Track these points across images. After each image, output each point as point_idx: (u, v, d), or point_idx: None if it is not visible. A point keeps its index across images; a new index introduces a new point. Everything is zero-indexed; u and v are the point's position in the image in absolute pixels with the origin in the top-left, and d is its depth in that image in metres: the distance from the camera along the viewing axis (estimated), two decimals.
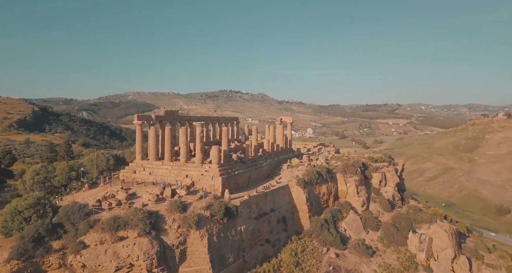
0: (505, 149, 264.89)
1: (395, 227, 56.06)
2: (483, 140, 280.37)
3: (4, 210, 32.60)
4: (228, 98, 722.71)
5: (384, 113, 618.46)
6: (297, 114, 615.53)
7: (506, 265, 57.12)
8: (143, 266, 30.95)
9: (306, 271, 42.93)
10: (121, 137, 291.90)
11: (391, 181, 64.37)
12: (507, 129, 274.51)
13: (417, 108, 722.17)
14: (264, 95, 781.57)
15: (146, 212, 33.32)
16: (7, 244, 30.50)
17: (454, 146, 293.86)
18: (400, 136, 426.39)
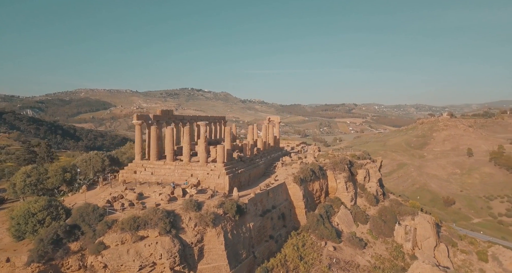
0: (449, 145, 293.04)
1: (382, 220, 60.13)
2: (431, 137, 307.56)
3: (16, 212, 31.71)
4: (189, 97, 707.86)
5: (342, 113, 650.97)
6: (260, 113, 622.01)
7: (476, 250, 64.16)
8: (167, 264, 31.18)
9: (310, 264, 44.80)
10: (76, 137, 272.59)
11: (374, 177, 68.79)
12: (450, 127, 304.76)
13: (372, 108, 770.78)
14: (227, 94, 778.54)
15: (165, 211, 33.57)
16: (22, 247, 29.92)
17: (406, 143, 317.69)
18: (357, 134, 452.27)
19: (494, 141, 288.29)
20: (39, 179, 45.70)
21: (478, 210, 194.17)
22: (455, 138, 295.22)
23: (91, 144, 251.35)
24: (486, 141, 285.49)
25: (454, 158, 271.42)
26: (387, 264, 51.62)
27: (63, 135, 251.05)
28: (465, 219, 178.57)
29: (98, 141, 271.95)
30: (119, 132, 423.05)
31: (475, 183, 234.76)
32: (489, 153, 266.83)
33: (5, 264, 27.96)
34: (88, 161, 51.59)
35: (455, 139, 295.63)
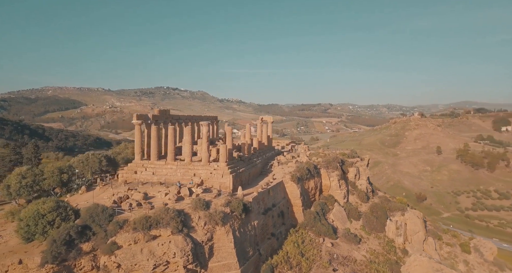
0: (420, 144, 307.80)
1: (374, 216, 62.44)
2: (403, 136, 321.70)
3: (24, 214, 31.31)
4: (165, 96, 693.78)
5: (318, 113, 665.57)
6: (238, 112, 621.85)
7: (459, 243, 68.18)
8: (180, 263, 31.54)
9: (311, 260, 46.07)
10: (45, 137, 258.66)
11: (363, 175, 71.25)
12: (421, 127, 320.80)
13: (346, 108, 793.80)
14: (204, 93, 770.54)
15: (176, 211, 33.89)
16: (32, 249, 29.69)
17: (381, 142, 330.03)
18: (333, 134, 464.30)
19: (460, 139, 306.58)
20: (35, 180, 44.31)
21: (447, 205, 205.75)
22: (425, 137, 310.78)
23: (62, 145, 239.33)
24: (453, 139, 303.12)
25: (425, 156, 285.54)
26: (381, 258, 53.79)
27: (30, 135, 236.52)
28: (436, 214, 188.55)
29: (70, 141, 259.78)
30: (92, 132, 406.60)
31: (444, 180, 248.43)
32: (456, 151, 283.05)
33: (17, 266, 27.61)
34: (85, 161, 50.67)
35: (426, 137, 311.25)
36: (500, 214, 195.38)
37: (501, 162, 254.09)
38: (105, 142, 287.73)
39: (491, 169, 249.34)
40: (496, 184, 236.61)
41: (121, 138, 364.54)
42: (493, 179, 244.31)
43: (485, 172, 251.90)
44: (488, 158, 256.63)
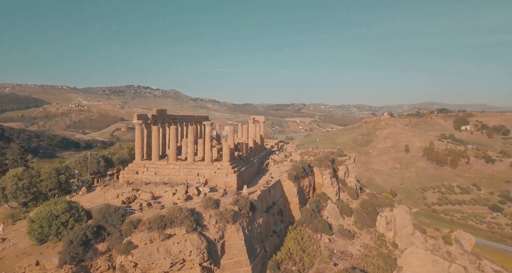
0: (390, 142, 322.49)
1: (364, 212, 65.07)
2: (374, 135, 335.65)
3: (36, 215, 31.15)
4: (136, 94, 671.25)
5: (292, 112, 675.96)
6: (213, 112, 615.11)
7: (442, 235, 72.78)
8: (196, 261, 32.09)
9: (312, 256, 47.71)
10: (5, 137, 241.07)
11: (352, 172, 73.95)
12: (390, 126, 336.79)
13: (319, 108, 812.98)
14: (177, 92, 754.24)
15: (189, 210, 34.46)
16: (47, 250, 29.73)
17: (353, 141, 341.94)
18: (307, 133, 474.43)
19: (425, 138, 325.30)
20: (31, 182, 43.59)
21: (416, 201, 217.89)
22: (394, 136, 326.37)
23: (25, 146, 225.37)
24: (420, 138, 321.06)
25: (394, 154, 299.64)
26: (374, 252, 56.25)
27: None
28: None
29: (33, 142, 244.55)
30: (57, 132, 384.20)
31: (412, 176, 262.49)
32: (422, 149, 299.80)
33: (34, 267, 27.56)
34: (82, 162, 50.15)
35: (395, 136, 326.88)
36: (462, 208, 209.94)
37: (462, 159, 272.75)
38: (72, 142, 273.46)
39: (453, 166, 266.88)
40: (458, 179, 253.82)
41: (89, 138, 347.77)
42: (455, 175, 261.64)
43: (448, 169, 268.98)
44: (451, 155, 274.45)
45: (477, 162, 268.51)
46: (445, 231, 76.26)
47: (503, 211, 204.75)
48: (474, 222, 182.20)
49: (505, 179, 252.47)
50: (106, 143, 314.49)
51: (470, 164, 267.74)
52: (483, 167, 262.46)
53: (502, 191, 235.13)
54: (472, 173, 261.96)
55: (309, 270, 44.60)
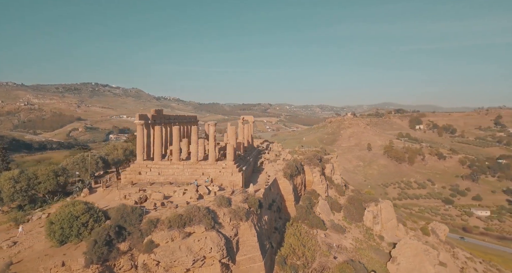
0: (353, 141, 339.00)
1: (352, 207, 68.31)
2: (339, 134, 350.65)
3: (55, 217, 31.01)
4: (94, 93, 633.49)
5: (258, 112, 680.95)
6: (177, 111, 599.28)
7: (420, 227, 78.43)
8: (217, 257, 33.00)
9: (312, 250, 49.66)
10: None
11: (337, 170, 77.11)
12: (354, 126, 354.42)
13: (284, 108, 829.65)
14: (139, 91, 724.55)
15: (206, 208, 35.42)
16: (69, 251, 29.72)
17: (319, 140, 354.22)
18: (274, 133, 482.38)
19: (385, 137, 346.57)
20: (29, 185, 42.18)
21: (378, 196, 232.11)
22: (357, 135, 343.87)
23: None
24: (380, 137, 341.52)
25: (358, 152, 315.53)
26: (365, 245, 59.43)
27: None
28: None
29: None
30: (3, 132, 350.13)
31: (374, 173, 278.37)
32: (383, 147, 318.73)
33: (60, 268, 27.66)
34: (80, 163, 49.21)
35: (358, 135, 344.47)
36: (419, 202, 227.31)
37: (418, 156, 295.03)
38: (23, 143, 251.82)
39: (411, 163, 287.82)
40: (415, 175, 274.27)
41: (42, 139, 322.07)
42: (412, 171, 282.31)
43: (406, 165, 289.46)
44: (408, 153, 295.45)
45: (431, 158, 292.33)
46: (421, 223, 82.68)
47: (453, 203, 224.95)
48: (429, 214, 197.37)
49: (455, 174, 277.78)
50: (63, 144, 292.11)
51: (425, 161, 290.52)
52: (436, 163, 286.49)
53: (452, 185, 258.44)
54: (427, 169, 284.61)
55: (313, 264, 46.23)
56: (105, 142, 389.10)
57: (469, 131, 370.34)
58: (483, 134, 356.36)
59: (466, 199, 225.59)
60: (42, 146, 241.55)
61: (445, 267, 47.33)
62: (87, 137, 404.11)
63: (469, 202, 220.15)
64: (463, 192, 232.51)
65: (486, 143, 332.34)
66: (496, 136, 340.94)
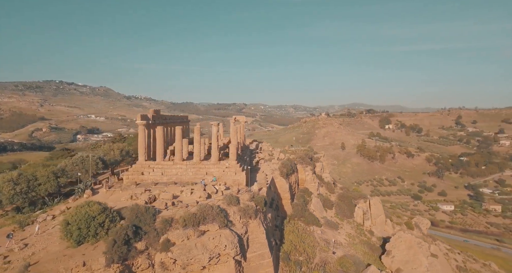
0: (328, 140, 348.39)
1: (344, 204, 70.48)
2: (314, 134, 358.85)
3: (72, 218, 30.86)
4: (58, 91, 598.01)
5: (233, 112, 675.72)
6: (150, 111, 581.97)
7: (404, 222, 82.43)
8: (231, 254, 33.86)
9: (312, 246, 51.34)
10: None
11: (326, 168, 79.15)
12: (328, 125, 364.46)
13: (259, 108, 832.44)
14: (107, 89, 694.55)
15: (219, 207, 36.15)
16: (88, 251, 29.77)
17: (295, 139, 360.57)
18: (250, 132, 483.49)
19: (358, 136, 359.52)
20: (29, 186, 41.55)
21: None
22: (332, 134, 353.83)
23: None
24: (353, 136, 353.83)
25: (332, 151, 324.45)
26: (357, 240, 61.73)
27: None
28: None
29: None
30: None
31: (348, 172, 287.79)
32: (356, 146, 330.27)
33: (81, 268, 27.78)
34: (80, 164, 48.42)
35: (332, 135, 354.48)
36: (390, 198, 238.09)
37: (389, 154, 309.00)
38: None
39: (382, 161, 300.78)
40: (386, 173, 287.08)
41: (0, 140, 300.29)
42: (384, 169, 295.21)
43: (378, 164, 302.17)
44: (380, 151, 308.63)
45: (401, 157, 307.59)
46: (404, 218, 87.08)
47: (421, 199, 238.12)
48: (400, 210, 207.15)
49: (422, 171, 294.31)
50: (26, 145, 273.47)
51: (395, 159, 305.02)
52: (405, 161, 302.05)
53: (420, 182, 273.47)
54: (397, 166, 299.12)
55: (314, 259, 47.52)
56: (73, 142, 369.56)
57: (433, 131, 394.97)
58: (446, 133, 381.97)
59: (433, 195, 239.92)
60: (2, 147, 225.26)
61: (436, 258, 50.45)
62: (52, 138, 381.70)
63: (435, 197, 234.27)
64: (430, 188, 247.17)
65: (449, 141, 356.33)
66: (457, 135, 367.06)
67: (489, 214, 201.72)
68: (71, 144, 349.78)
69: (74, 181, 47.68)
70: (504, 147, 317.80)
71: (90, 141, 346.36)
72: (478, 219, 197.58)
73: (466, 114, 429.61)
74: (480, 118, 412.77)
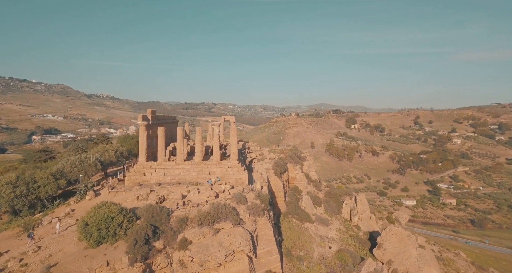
0: (298, 140, 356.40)
1: (331, 201, 72.72)
2: (284, 134, 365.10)
3: (90, 219, 30.87)
4: (8, 88, 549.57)
5: (202, 111, 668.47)
6: (114, 110, 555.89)
7: (386, 217, 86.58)
8: (246, 251, 35.06)
9: (309, 241, 52.88)
10: None
11: (312, 167, 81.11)
12: (298, 125, 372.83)
13: (228, 107, 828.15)
14: (66, 87, 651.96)
15: (231, 206, 37.16)
16: (109, 251, 29.90)
17: (267, 139, 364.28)
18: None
19: (326, 135, 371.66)
20: (29, 189, 40.76)
21: None
22: (301, 134, 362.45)
23: None
24: (322, 136, 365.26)
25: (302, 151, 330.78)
26: (347, 235, 64.17)
27: None
28: None
29: None
30: None
31: (318, 170, 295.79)
32: (325, 145, 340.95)
33: (105, 268, 28.04)
34: (79, 165, 47.25)
35: (302, 134, 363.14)
36: None
37: (355, 153, 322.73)
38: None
39: (350, 159, 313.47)
40: (354, 171, 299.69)
41: None
42: (351, 167, 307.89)
43: (346, 162, 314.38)
44: (347, 150, 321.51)
45: (367, 155, 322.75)
46: (384, 213, 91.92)
47: (386, 195, 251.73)
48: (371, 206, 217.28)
49: (386, 169, 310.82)
50: None
51: (362, 157, 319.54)
52: (371, 159, 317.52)
53: (385, 179, 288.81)
54: (364, 164, 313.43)
55: (313, 254, 48.84)
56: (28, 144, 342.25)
57: (395, 130, 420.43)
58: (406, 132, 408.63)
59: (396, 191, 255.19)
60: None
61: (424, 249, 54.10)
62: (3, 138, 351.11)
63: (398, 193, 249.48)
64: (394, 185, 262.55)
65: (409, 140, 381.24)
66: (416, 134, 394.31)
67: (446, 207, 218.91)
68: (26, 146, 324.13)
69: (72, 183, 47.35)
70: (456, 145, 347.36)
71: (48, 142, 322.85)
72: (436, 212, 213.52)
73: (423, 114, 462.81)
74: (435, 118, 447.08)
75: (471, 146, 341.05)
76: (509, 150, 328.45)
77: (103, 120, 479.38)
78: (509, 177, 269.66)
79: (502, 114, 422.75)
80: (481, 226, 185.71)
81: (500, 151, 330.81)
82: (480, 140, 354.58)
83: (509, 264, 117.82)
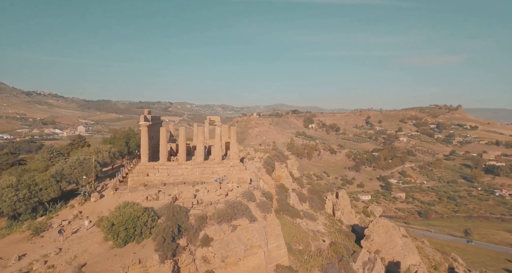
0: (260, 139, 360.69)
1: (315, 197, 74.79)
2: (247, 133, 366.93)
3: (116, 218, 31.18)
4: None
5: (159, 111, 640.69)
6: (58, 109, 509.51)
7: (362, 210, 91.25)
8: (262, 246, 36.82)
9: (304, 236, 54.99)
10: None
11: (295, 165, 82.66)
12: (259, 125, 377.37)
13: (185, 107, 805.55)
14: None
15: (245, 204, 38.53)
16: (137, 249, 30.42)
17: None
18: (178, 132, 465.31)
19: (286, 135, 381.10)
20: (31, 192, 39.70)
21: None
22: (263, 133, 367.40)
23: None
24: (282, 135, 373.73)
25: None
26: (333, 229, 66.84)
27: None
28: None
29: None
30: None
31: None
32: (285, 144, 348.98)
33: (137, 265, 28.63)
34: (78, 167, 46.45)
35: (263, 134, 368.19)
36: None
37: (314, 151, 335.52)
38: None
39: (309, 158, 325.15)
40: (314, 169, 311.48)
41: None
42: (311, 165, 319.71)
43: (306, 160, 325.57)
44: (307, 149, 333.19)
45: (325, 153, 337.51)
46: (359, 207, 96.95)
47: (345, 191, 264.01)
48: None
49: (343, 166, 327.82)
50: None
51: (321, 156, 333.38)
52: (329, 157, 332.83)
53: (342, 175, 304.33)
54: (322, 162, 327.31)
55: (311, 248, 50.35)
56: None
57: (349, 129, 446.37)
58: (359, 132, 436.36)
59: (353, 187, 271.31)
60: None
61: (407, 238, 58.48)
62: None
63: (355, 189, 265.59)
64: (351, 181, 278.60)
65: (362, 139, 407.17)
66: (368, 133, 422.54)
67: (396, 200, 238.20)
68: None
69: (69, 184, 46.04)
70: (403, 143, 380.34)
71: None
72: (389, 205, 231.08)
73: (374, 115, 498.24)
74: (384, 118, 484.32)
75: (415, 144, 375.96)
76: (446, 147, 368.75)
77: (46, 120, 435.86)
78: (447, 172, 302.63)
79: (439, 115, 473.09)
80: (427, 217, 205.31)
81: (438, 148, 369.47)
82: (422, 138, 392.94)
83: (453, 250, 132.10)
